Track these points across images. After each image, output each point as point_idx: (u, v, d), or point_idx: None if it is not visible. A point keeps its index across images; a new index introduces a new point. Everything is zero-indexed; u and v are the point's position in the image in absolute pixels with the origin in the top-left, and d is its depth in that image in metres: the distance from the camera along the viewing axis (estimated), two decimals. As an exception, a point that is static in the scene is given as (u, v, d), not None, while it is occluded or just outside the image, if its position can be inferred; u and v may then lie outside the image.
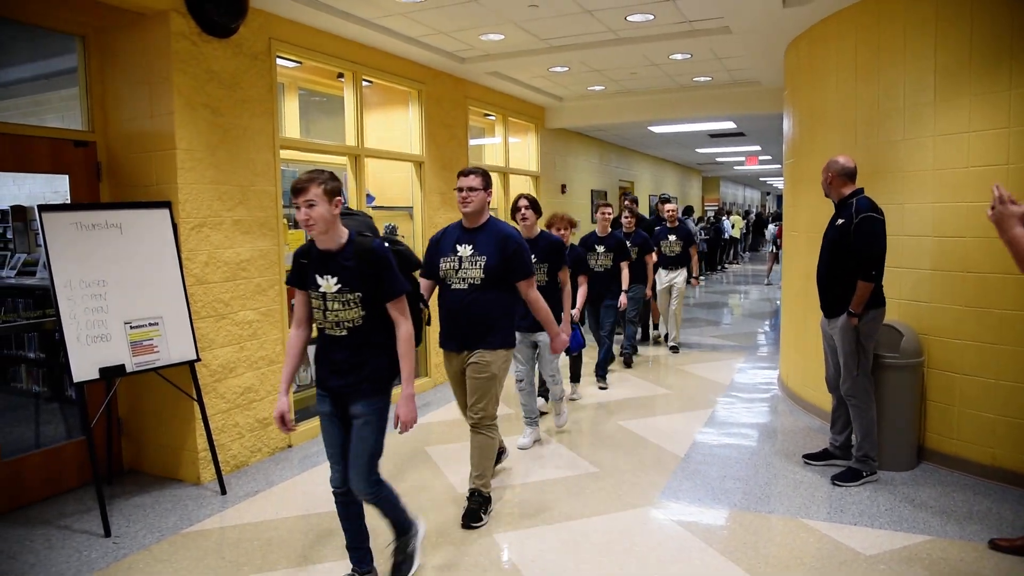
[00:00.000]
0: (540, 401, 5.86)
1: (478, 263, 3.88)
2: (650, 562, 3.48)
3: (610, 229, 7.07)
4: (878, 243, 4.06)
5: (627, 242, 7.32)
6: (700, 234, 17.78)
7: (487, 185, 3.96)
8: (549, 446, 5.22)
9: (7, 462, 4.20)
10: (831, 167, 4.26)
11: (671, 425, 5.68)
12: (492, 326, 3.90)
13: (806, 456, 4.77)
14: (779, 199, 34.44)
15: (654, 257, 7.91)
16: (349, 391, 3.03)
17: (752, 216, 28.53)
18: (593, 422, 5.81)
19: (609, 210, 7.03)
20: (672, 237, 8.57)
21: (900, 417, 4.50)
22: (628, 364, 7.88)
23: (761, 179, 29.07)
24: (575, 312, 5.54)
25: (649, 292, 7.75)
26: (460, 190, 3.93)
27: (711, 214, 21.37)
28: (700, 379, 7.25)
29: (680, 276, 8.53)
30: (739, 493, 4.30)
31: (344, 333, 3.01)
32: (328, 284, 2.97)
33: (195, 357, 4.41)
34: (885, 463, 4.50)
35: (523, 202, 5.05)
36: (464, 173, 3.99)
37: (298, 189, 2.85)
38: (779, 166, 19.16)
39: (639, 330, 8.95)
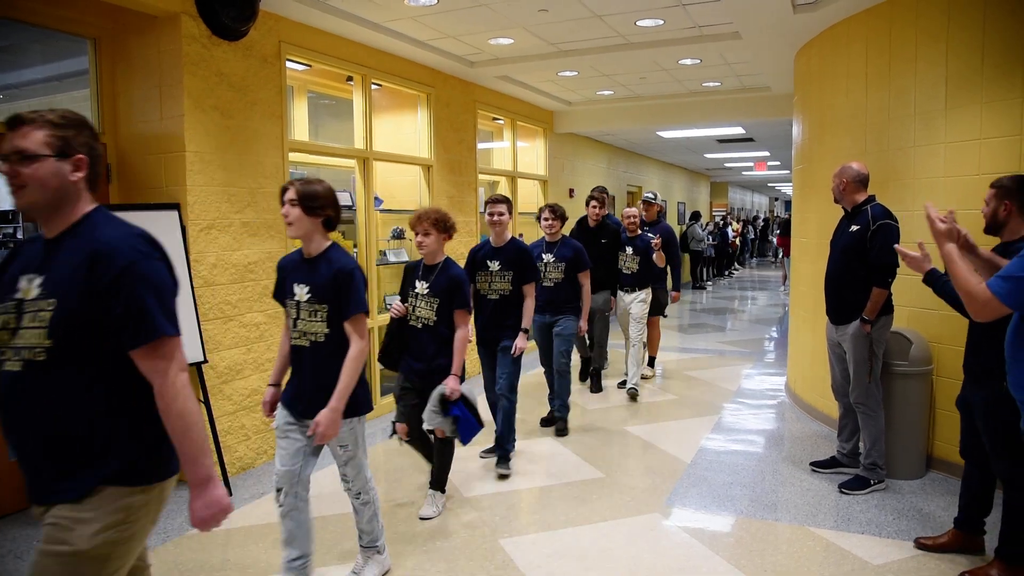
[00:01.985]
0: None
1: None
2: (656, 569, 3.47)
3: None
4: (894, 251, 4.04)
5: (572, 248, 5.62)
6: (708, 239, 17.76)
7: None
8: (554, 451, 5.21)
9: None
10: (845, 173, 4.23)
11: (677, 431, 5.66)
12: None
13: (813, 463, 4.75)
14: (787, 204, 34.33)
15: (591, 275, 5.72)
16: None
17: (760, 222, 28.45)
18: (599, 428, 5.80)
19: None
20: (629, 250, 6.71)
21: (909, 425, 4.47)
22: (560, 431, 5.61)
23: (769, 184, 28.99)
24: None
25: (584, 325, 5.57)
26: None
27: (719, 219, 21.31)
28: (707, 385, 7.22)
29: (637, 300, 6.68)
30: (746, 500, 4.28)
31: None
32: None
33: (202, 359, 4.41)
34: (893, 471, 4.47)
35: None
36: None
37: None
38: (788, 172, 19.11)
39: (591, 377, 7.12)
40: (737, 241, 21.43)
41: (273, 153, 5.05)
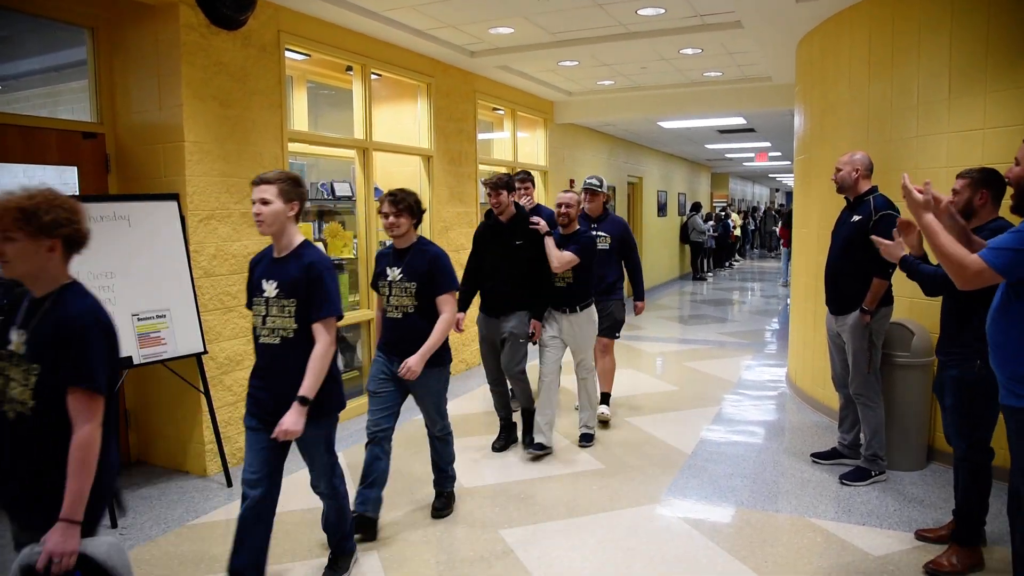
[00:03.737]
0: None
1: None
2: (656, 559, 3.47)
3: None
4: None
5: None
6: (709, 231, 17.74)
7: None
8: (555, 442, 5.21)
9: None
10: (860, 162, 4.20)
11: (678, 422, 5.66)
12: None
13: (814, 455, 4.74)
14: (788, 195, 34.30)
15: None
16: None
17: (760, 213, 28.40)
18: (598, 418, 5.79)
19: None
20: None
21: (910, 416, 4.47)
22: (439, 511, 4.03)
23: (770, 175, 28.92)
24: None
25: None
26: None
27: (719, 210, 21.27)
28: (707, 376, 7.22)
29: (578, 323, 4.89)
30: (746, 491, 4.28)
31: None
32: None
33: (202, 349, 4.41)
34: (894, 463, 4.47)
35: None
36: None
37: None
38: (789, 162, 19.07)
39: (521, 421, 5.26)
40: (737, 232, 21.41)
41: (272, 143, 5.03)
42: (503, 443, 5.10)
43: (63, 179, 5.58)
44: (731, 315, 11.73)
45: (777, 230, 19.42)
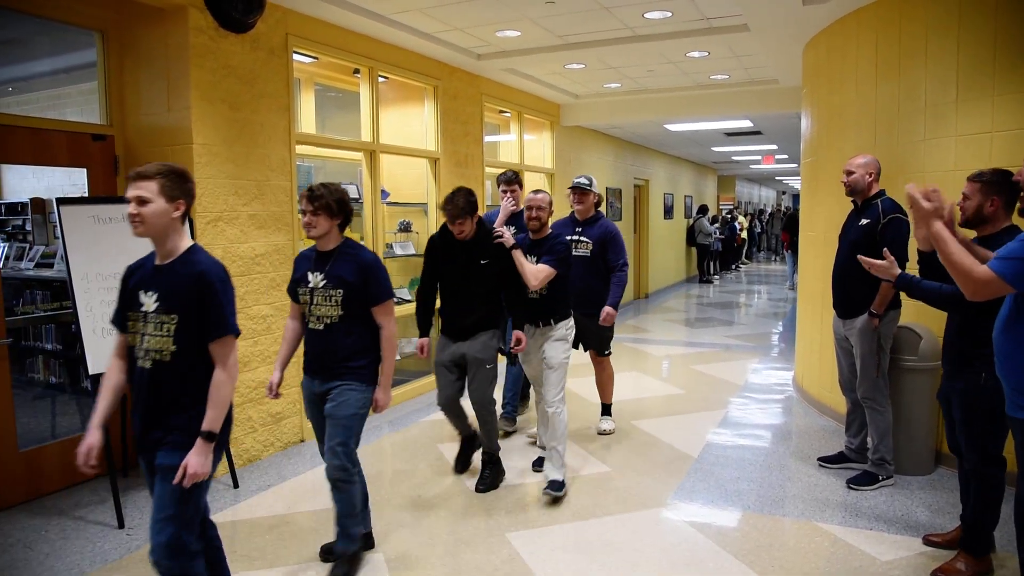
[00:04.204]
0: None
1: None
2: (662, 564, 3.46)
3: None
4: (906, 244, 4.02)
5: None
6: (715, 233, 17.72)
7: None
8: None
9: (25, 453, 4.23)
10: (873, 165, 4.18)
11: (684, 425, 5.65)
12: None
13: (821, 459, 4.73)
14: (795, 198, 34.19)
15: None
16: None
17: (766, 216, 28.35)
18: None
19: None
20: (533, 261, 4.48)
21: (917, 420, 4.45)
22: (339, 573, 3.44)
23: (777, 178, 28.86)
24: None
25: (381, 398, 3.35)
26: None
27: (726, 212, 21.24)
28: (713, 379, 7.20)
29: (553, 339, 4.39)
30: (752, 495, 4.27)
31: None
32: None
33: (209, 351, 4.42)
34: (902, 467, 4.45)
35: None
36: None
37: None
38: (796, 165, 19.03)
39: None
40: (744, 235, 21.38)
41: (280, 146, 5.05)
42: (464, 465, 4.68)
43: (72, 180, 5.62)
44: (737, 318, 11.70)
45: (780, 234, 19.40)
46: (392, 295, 3.34)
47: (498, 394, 4.79)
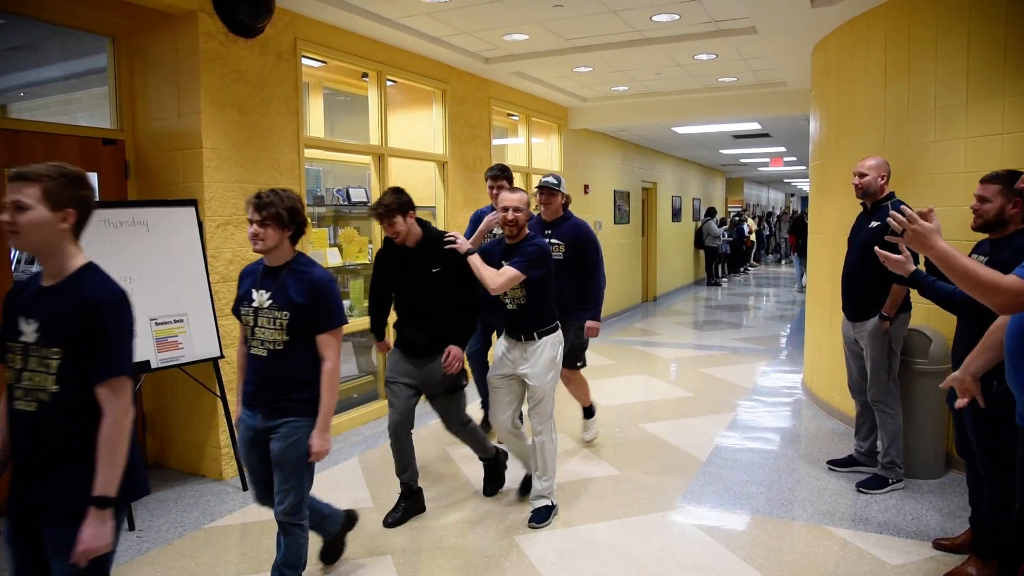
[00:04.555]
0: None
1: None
2: (670, 566, 3.46)
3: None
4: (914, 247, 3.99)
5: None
6: (724, 235, 17.68)
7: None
8: (569, 448, 5.20)
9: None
10: (883, 167, 4.17)
11: (692, 428, 5.64)
12: None
13: (830, 462, 4.71)
14: (804, 200, 34.07)
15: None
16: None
17: (775, 218, 28.25)
18: (613, 425, 5.78)
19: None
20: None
21: (928, 424, 4.43)
22: None
23: (785, 180, 28.77)
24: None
25: (317, 444, 2.93)
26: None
27: (734, 215, 21.19)
28: (722, 382, 7.19)
29: (538, 352, 3.84)
30: (761, 498, 4.26)
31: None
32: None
33: (219, 354, 4.44)
34: (912, 471, 4.43)
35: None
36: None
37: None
38: (804, 167, 18.97)
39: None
40: (752, 238, 21.32)
41: (289, 150, 5.07)
42: (398, 516, 3.92)
43: (83, 185, 5.63)
44: (746, 321, 11.67)
45: (787, 237, 19.34)
46: (343, 322, 2.90)
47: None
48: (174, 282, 4.29)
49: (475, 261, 3.73)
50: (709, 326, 11.11)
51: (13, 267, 5.20)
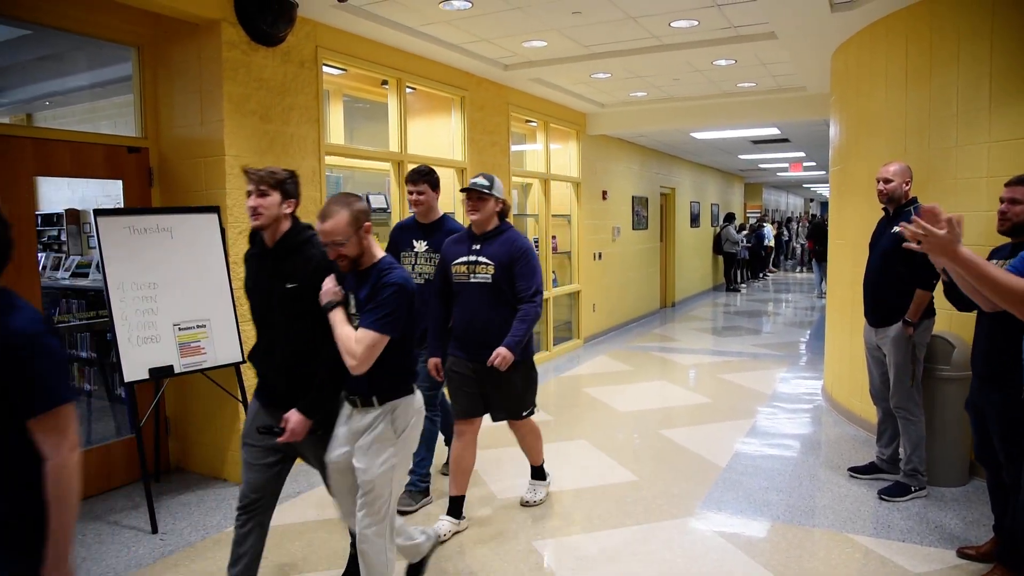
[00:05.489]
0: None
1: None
2: (690, 573, 3.45)
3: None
4: None
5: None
6: (742, 241, 17.59)
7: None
8: (588, 454, 5.20)
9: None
10: (906, 172, 4.15)
11: (712, 435, 5.61)
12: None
13: (852, 469, 4.67)
14: (823, 205, 33.82)
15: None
16: None
17: (794, 225, 28.07)
18: (632, 431, 5.77)
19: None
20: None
21: (951, 431, 4.38)
22: None
23: (804, 185, 28.59)
24: None
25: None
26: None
27: (753, 220, 21.08)
28: (741, 388, 7.15)
29: (368, 435, 2.79)
30: (782, 505, 4.23)
31: None
32: None
33: (241, 359, 4.49)
34: (935, 478, 4.38)
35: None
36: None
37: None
38: (824, 172, 18.84)
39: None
40: (771, 243, 21.20)
41: (310, 157, 5.12)
42: None
43: (106, 191, 5.75)
44: (765, 327, 11.60)
45: (805, 243, 19.20)
46: (68, 399, 1.83)
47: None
48: (197, 288, 4.34)
49: (335, 318, 2.70)
50: (728, 332, 11.05)
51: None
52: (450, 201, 7.08)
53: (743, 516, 4.10)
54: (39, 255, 4.53)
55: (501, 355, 3.61)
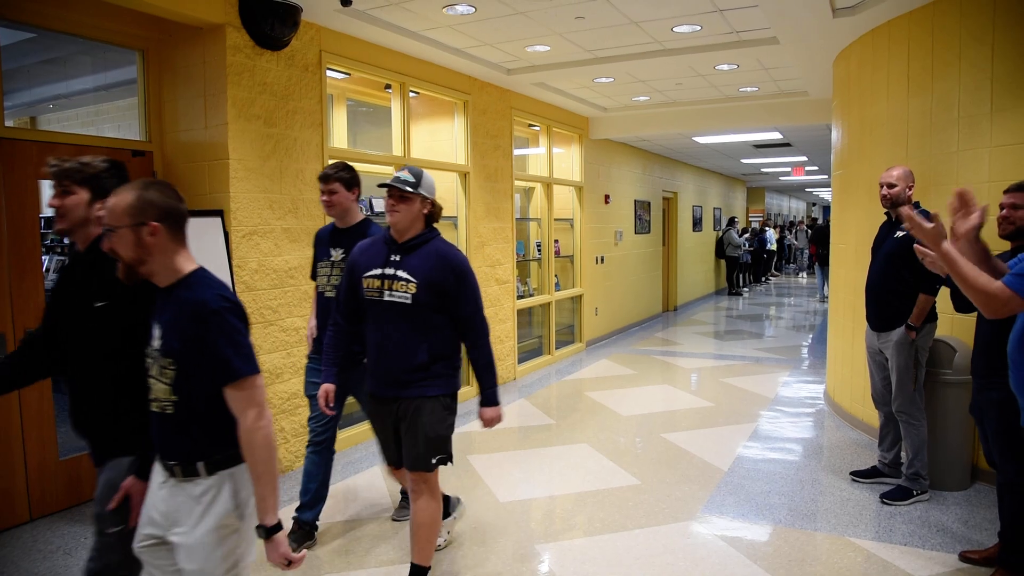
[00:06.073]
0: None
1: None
2: (693, 577, 3.45)
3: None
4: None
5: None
6: (744, 245, 17.59)
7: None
8: (590, 457, 5.20)
9: (65, 461, 4.34)
10: (909, 177, 4.15)
11: (714, 438, 5.62)
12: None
13: (854, 473, 4.67)
14: (825, 210, 33.81)
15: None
16: None
17: (795, 229, 28.04)
18: (634, 435, 5.78)
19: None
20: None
21: (953, 435, 4.38)
22: None
23: (807, 189, 28.59)
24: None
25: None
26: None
27: (755, 224, 21.08)
28: (743, 392, 7.15)
29: (191, 511, 2.05)
30: (784, 509, 4.23)
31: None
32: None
33: (244, 362, 4.49)
34: (937, 482, 4.38)
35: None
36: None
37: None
38: (826, 176, 18.85)
39: None
40: (773, 247, 21.20)
41: (314, 161, 5.14)
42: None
43: (112, 195, 5.74)
44: (767, 331, 11.59)
45: (807, 247, 19.20)
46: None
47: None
48: (201, 291, 4.35)
49: None
50: (730, 336, 11.05)
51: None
52: (451, 207, 7.10)
53: (745, 520, 4.10)
54: (43, 258, 4.55)
55: (488, 418, 3.15)
